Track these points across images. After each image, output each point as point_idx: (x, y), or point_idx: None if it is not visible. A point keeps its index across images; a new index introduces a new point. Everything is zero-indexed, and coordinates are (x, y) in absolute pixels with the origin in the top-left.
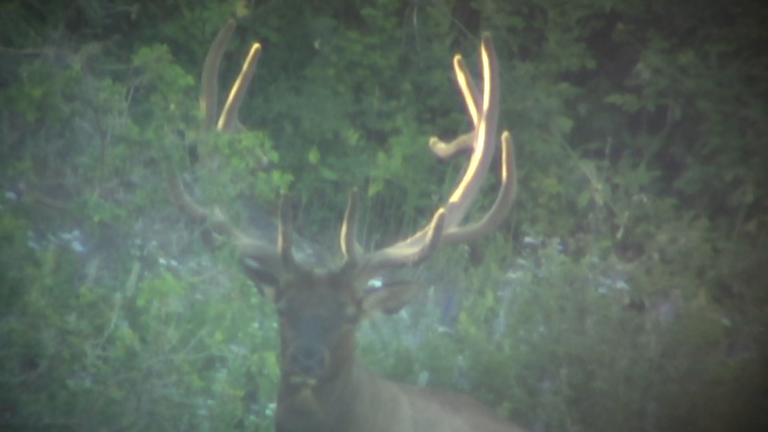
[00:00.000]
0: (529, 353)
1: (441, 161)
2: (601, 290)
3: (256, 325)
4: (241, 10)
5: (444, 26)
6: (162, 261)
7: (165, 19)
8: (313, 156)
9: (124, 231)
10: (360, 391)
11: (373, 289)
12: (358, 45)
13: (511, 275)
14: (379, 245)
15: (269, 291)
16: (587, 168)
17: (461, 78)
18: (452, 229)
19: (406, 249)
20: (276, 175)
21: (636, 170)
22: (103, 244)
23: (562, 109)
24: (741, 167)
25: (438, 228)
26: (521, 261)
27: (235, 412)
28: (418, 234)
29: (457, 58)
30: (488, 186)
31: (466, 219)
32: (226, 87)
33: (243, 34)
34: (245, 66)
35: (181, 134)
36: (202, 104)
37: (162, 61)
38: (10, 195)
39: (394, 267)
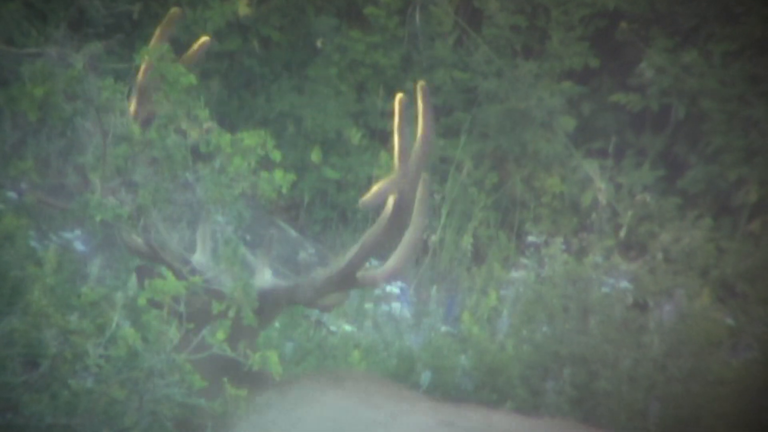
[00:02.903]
0: (532, 353)
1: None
2: (605, 290)
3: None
4: (243, 9)
5: (446, 25)
6: None
7: None
8: (315, 155)
9: (126, 230)
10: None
11: None
12: (360, 44)
13: (514, 275)
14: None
15: None
16: (590, 167)
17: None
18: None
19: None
20: (278, 175)
21: (639, 169)
22: (104, 243)
23: (565, 108)
24: (744, 167)
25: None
26: (524, 260)
27: (237, 412)
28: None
29: (421, 84)
30: (491, 185)
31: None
32: (227, 87)
33: (245, 33)
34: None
35: (183, 134)
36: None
37: (164, 60)
38: (12, 194)
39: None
